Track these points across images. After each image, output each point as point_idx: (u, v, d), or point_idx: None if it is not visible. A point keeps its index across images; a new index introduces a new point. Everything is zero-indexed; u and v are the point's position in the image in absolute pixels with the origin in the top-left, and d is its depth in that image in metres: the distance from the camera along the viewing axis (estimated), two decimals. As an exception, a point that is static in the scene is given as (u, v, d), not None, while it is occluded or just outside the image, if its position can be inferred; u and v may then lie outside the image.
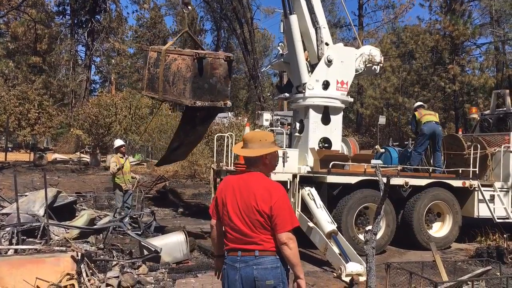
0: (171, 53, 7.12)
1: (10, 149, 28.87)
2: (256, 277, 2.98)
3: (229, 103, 7.04)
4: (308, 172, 8.98)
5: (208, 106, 6.88)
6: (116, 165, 10.06)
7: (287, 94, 10.49)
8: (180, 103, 7.15)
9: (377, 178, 6.25)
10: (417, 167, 9.84)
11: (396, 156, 10.58)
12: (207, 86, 6.78)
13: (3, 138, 27.60)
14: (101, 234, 8.19)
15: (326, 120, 9.55)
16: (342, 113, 9.87)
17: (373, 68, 10.12)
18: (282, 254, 3.02)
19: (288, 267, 3.10)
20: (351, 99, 10.27)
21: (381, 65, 10.36)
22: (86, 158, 25.12)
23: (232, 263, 3.07)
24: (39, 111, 24.11)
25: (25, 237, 6.93)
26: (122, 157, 10.33)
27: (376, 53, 10.11)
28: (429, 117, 10.04)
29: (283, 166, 8.59)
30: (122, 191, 10.23)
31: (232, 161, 9.87)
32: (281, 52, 10.90)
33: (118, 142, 10.67)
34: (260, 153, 3.16)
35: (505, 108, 11.86)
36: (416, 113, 10.25)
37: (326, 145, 9.52)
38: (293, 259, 3.00)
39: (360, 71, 10.08)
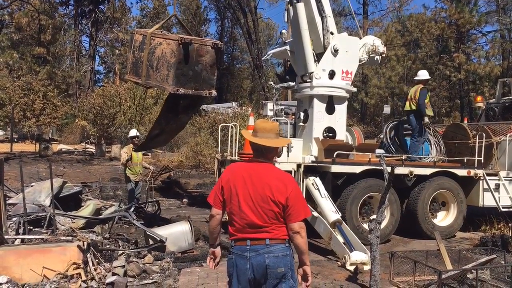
0: (157, 37, 6.80)
1: (15, 140, 29.02)
2: (268, 265, 3.04)
3: (214, 92, 6.81)
4: (313, 161, 8.98)
5: (192, 94, 6.65)
6: (127, 156, 10.06)
7: (291, 83, 10.45)
8: (163, 89, 6.83)
9: (382, 168, 6.26)
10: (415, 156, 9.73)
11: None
12: (192, 74, 6.53)
13: (9, 129, 27.70)
14: (107, 224, 8.25)
15: (330, 110, 9.53)
16: (346, 102, 9.84)
17: (375, 58, 10.07)
18: (293, 242, 3.11)
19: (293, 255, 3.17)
20: (355, 89, 10.24)
21: (384, 55, 10.28)
22: (91, 148, 25.24)
23: (241, 253, 3.10)
24: (44, 102, 24.15)
25: (31, 227, 7.00)
26: (134, 148, 10.22)
27: (378, 44, 10.06)
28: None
29: (288, 155, 8.60)
30: (132, 182, 10.22)
31: (236, 151, 9.87)
32: (283, 40, 10.82)
33: (131, 133, 10.54)
34: (284, 144, 3.28)
35: (510, 97, 11.79)
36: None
37: (330, 134, 9.50)
38: (304, 246, 3.11)
39: (363, 61, 10.03)
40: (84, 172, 16.71)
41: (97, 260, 6.06)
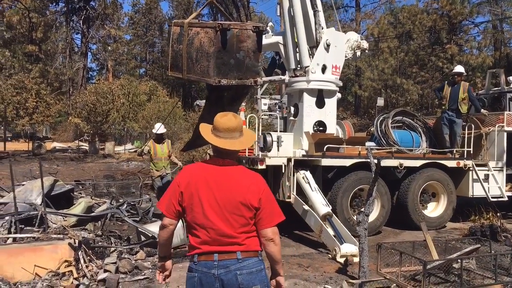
0: (194, 26, 6.30)
1: (9, 138, 28.97)
2: (241, 284, 2.63)
3: (259, 80, 6.36)
4: (303, 155, 9.01)
5: (236, 84, 6.17)
6: (148, 148, 9.87)
7: (282, 77, 10.42)
8: (205, 82, 6.37)
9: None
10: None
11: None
12: (234, 62, 6.05)
13: (2, 128, 27.64)
14: (99, 221, 8.28)
15: (320, 104, 9.55)
16: (336, 96, 9.87)
17: (358, 54, 10.12)
18: (266, 251, 2.75)
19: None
20: (341, 83, 10.25)
21: (366, 51, 10.34)
22: (85, 146, 25.27)
23: (207, 270, 2.65)
24: (37, 100, 24.15)
25: (23, 226, 7.02)
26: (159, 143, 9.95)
27: (361, 40, 10.11)
28: None
29: (278, 150, 8.65)
30: (157, 181, 10.03)
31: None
32: (270, 33, 10.75)
33: (159, 129, 10.03)
34: (250, 144, 3.02)
35: (499, 88, 11.87)
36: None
37: (321, 128, 9.53)
38: (278, 255, 2.76)
39: (348, 57, 10.04)
40: (78, 170, 16.74)
41: (88, 258, 6.09)
